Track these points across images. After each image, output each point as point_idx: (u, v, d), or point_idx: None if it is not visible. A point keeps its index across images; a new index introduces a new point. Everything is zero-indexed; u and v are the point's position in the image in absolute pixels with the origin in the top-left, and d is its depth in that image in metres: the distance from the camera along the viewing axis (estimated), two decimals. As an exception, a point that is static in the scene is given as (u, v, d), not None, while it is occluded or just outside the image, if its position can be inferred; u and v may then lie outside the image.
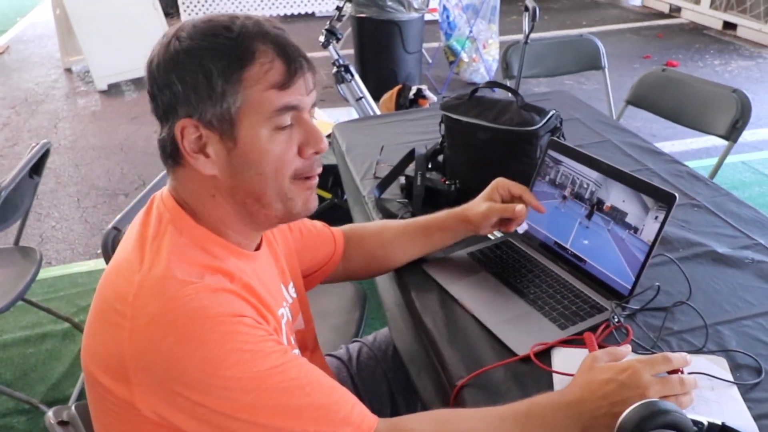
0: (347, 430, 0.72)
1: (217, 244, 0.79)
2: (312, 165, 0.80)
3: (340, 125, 1.83)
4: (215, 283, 0.72)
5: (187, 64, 0.73)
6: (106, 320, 0.71)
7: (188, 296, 0.69)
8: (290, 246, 1.03)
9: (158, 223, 0.77)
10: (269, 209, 0.80)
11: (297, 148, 0.78)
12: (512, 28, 4.83)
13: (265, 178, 0.77)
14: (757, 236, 1.20)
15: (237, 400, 0.67)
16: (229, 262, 0.78)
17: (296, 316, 0.97)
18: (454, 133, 1.36)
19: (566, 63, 2.34)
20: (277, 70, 0.74)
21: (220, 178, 0.78)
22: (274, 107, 0.75)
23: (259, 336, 0.71)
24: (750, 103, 1.72)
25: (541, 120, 1.24)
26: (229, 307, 0.71)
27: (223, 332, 0.68)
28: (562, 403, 0.78)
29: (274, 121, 0.75)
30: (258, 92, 0.74)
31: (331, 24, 2.29)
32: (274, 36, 0.75)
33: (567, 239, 1.13)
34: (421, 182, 1.33)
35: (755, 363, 0.91)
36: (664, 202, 0.99)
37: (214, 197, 0.79)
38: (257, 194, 0.78)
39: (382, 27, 3.58)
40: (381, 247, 1.14)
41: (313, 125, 0.80)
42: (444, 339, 0.99)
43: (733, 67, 4.66)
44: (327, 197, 2.30)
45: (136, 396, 0.67)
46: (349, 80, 2.33)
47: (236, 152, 0.76)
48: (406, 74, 3.74)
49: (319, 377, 0.74)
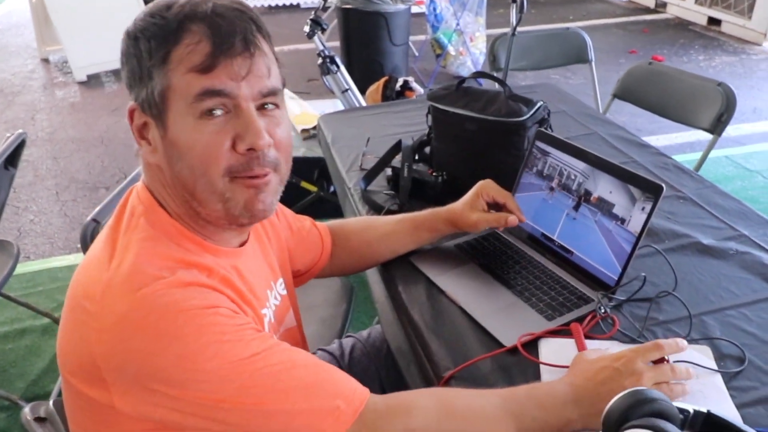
0: (339, 402, 0.69)
1: (191, 240, 0.75)
2: (249, 162, 0.72)
3: (325, 117, 1.81)
4: (189, 277, 0.69)
5: (128, 46, 0.72)
6: (76, 320, 0.69)
7: (158, 291, 0.66)
8: (282, 242, 1.01)
9: (130, 217, 0.74)
10: (207, 208, 0.74)
11: (231, 142, 0.71)
12: (499, 22, 4.83)
13: (193, 172, 0.71)
14: (741, 228, 1.20)
15: (219, 391, 0.65)
16: (206, 258, 0.75)
17: (284, 314, 0.95)
18: (441, 124, 1.35)
19: (553, 56, 2.34)
20: (200, 51, 0.68)
21: (163, 169, 0.74)
22: (194, 92, 0.69)
23: (237, 325, 0.69)
24: (735, 97, 1.73)
25: (529, 111, 1.24)
26: (203, 299, 0.68)
27: (198, 325, 0.65)
28: (561, 389, 0.78)
29: (196, 107, 0.69)
30: (179, 75, 0.69)
31: (316, 14, 2.26)
32: (212, 16, 0.69)
33: (554, 231, 1.13)
34: (407, 174, 1.32)
35: (738, 352, 0.91)
36: (651, 193, 0.99)
37: (166, 189, 0.75)
38: (190, 190, 0.73)
39: (368, 18, 3.54)
40: (367, 246, 1.13)
41: (251, 118, 0.71)
42: (431, 331, 0.99)
43: (717, 62, 4.71)
44: (312, 190, 2.29)
45: (115, 396, 0.65)
46: (334, 72, 2.31)
47: (167, 140, 0.71)
48: (393, 67, 3.72)
49: (304, 358, 0.72)
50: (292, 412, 0.68)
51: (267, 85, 0.73)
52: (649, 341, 0.82)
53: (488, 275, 1.10)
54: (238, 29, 0.70)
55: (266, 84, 0.72)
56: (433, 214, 1.12)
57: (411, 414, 0.73)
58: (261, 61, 0.72)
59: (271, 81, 0.73)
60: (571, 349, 0.92)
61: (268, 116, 0.74)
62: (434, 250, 1.16)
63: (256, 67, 0.71)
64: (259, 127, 0.71)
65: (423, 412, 0.74)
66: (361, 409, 0.70)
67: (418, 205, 1.27)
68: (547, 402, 0.77)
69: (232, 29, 0.69)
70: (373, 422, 0.71)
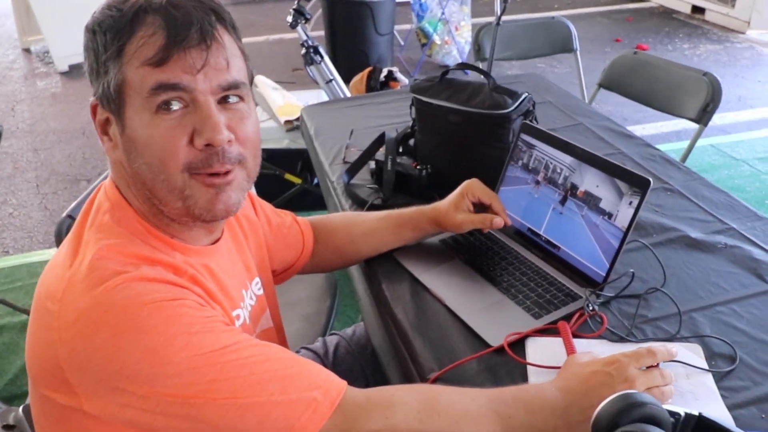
0: (316, 394, 0.67)
1: (158, 239, 0.73)
2: (208, 159, 0.70)
3: (308, 108, 1.77)
4: (153, 273, 0.67)
5: (87, 39, 0.70)
6: (40, 322, 0.66)
7: (120, 285, 0.63)
8: (261, 239, 0.97)
9: (96, 214, 0.72)
10: (168, 206, 0.71)
11: (189, 137, 0.69)
12: (484, 11, 4.78)
13: (151, 168, 0.69)
14: (729, 221, 1.19)
15: (190, 385, 0.62)
16: (175, 257, 0.73)
17: (260, 315, 0.92)
18: (424, 117, 1.32)
19: (539, 45, 2.31)
20: (153, 43, 0.66)
21: (125, 166, 0.72)
22: (148, 86, 0.66)
23: (205, 317, 0.66)
24: (720, 87, 1.72)
25: (513, 103, 1.21)
26: (167, 292, 0.65)
27: (163, 317, 0.63)
28: (551, 393, 0.75)
29: (151, 102, 0.67)
30: (134, 69, 0.67)
31: (299, 4, 2.21)
32: (167, 6, 0.67)
33: (540, 225, 1.10)
34: (391, 167, 1.29)
35: (729, 350, 0.90)
36: (639, 187, 0.96)
37: (130, 188, 0.73)
38: (149, 187, 0.71)
39: (353, 8, 3.51)
40: (350, 243, 1.10)
41: (210, 112, 0.68)
42: (415, 330, 0.96)
43: (702, 50, 4.71)
44: (296, 182, 2.25)
45: (83, 399, 0.62)
46: (318, 62, 2.26)
47: (126, 136, 0.70)
48: (378, 56, 3.68)
49: (278, 351, 0.70)
50: (267, 405, 0.65)
51: (226, 79, 0.70)
52: (641, 343, 0.81)
53: (474, 272, 1.08)
54: (194, 20, 0.67)
55: (225, 77, 0.70)
56: (417, 212, 1.09)
57: (392, 408, 0.70)
58: (219, 53, 0.69)
59: (232, 74, 0.71)
60: (559, 349, 0.90)
61: (231, 110, 0.72)
62: (418, 245, 1.14)
63: (213, 59, 0.68)
64: (217, 122, 0.69)
65: (405, 407, 0.71)
66: (339, 400, 0.68)
67: (402, 199, 1.25)
68: (535, 405, 0.74)
69: (188, 20, 0.67)
70: (352, 414, 0.69)
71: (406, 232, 1.10)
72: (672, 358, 0.82)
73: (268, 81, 2.47)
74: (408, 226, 1.09)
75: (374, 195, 1.31)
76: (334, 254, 1.11)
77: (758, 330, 0.93)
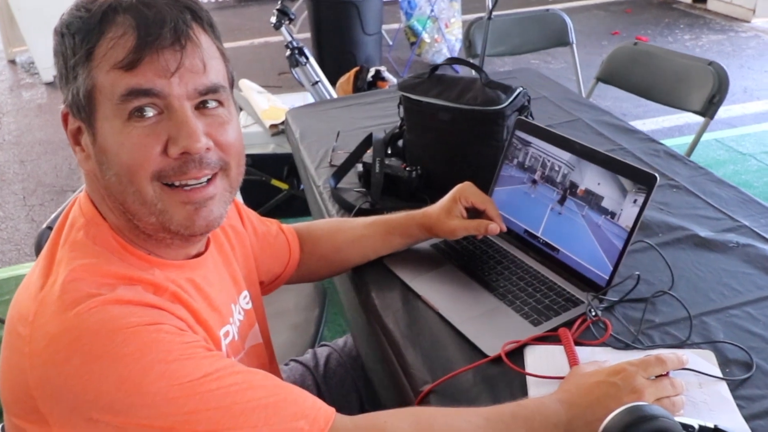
0: (302, 423, 0.63)
1: (135, 255, 0.68)
2: (183, 166, 0.65)
3: (293, 111, 1.71)
4: (130, 294, 0.62)
5: (56, 43, 0.65)
6: (11, 346, 0.62)
7: (93, 309, 0.59)
8: (248, 250, 0.92)
9: (70, 230, 0.67)
10: (141, 221, 0.67)
11: (163, 146, 0.64)
12: (475, 6, 4.70)
13: (120, 180, 0.64)
14: (740, 218, 1.12)
15: (168, 416, 0.58)
16: (154, 273, 0.67)
17: (249, 330, 0.86)
18: (413, 115, 1.25)
19: (532, 39, 2.24)
20: (123, 45, 0.61)
21: (98, 178, 0.67)
22: (119, 92, 0.62)
23: (184, 343, 0.61)
24: (727, 77, 1.65)
25: (507, 98, 1.14)
26: (144, 316, 0.61)
27: (139, 343, 0.58)
28: (552, 408, 0.70)
29: (123, 108, 0.62)
30: (104, 73, 0.62)
31: (283, 4, 2.15)
32: (137, 5, 0.62)
33: (538, 227, 1.04)
34: (379, 170, 1.22)
35: (745, 356, 0.83)
36: (644, 183, 0.90)
37: (105, 201, 0.68)
38: (121, 201, 0.66)
39: (339, 7, 3.45)
40: (337, 251, 1.04)
41: (186, 118, 0.64)
42: (407, 340, 0.90)
43: (704, 41, 4.61)
44: (283, 188, 2.18)
45: (55, 430, 0.58)
46: (303, 63, 2.19)
47: (98, 146, 0.65)
48: (366, 57, 3.61)
49: (262, 379, 0.65)
50: None
51: (204, 82, 0.65)
52: (649, 350, 0.74)
53: (468, 277, 1.01)
54: (167, 19, 0.62)
55: (203, 81, 0.65)
56: (407, 218, 1.03)
57: None
58: (195, 54, 0.64)
59: (209, 77, 0.66)
60: (560, 357, 0.84)
61: (210, 116, 0.67)
62: (409, 251, 1.07)
63: (188, 60, 0.64)
64: (194, 128, 0.64)
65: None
66: (327, 430, 0.64)
67: (392, 203, 1.19)
68: (536, 421, 0.69)
69: (160, 19, 0.62)
70: None
71: (395, 239, 1.04)
72: (683, 365, 0.76)
73: (252, 84, 2.41)
74: (397, 233, 1.03)
75: (362, 199, 1.25)
76: (320, 263, 1.05)
77: (775, 334, 0.86)
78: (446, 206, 1.01)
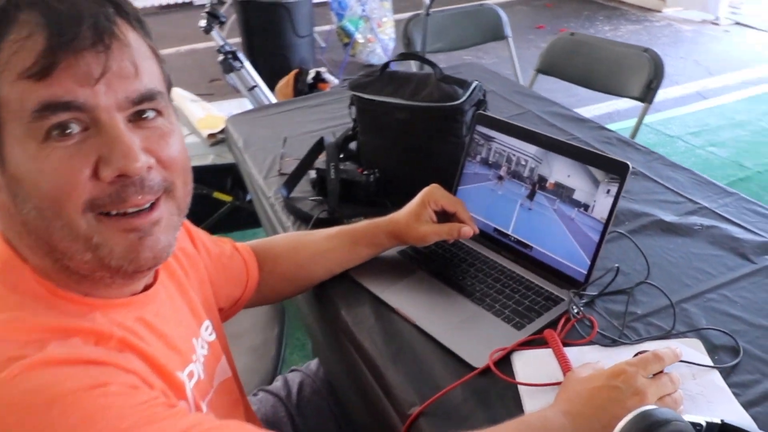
0: None
1: (68, 300, 0.56)
2: (120, 192, 0.54)
3: (233, 118, 1.60)
4: (64, 351, 0.51)
5: None
6: None
7: (18, 377, 0.47)
8: (203, 274, 0.81)
9: None
10: (73, 260, 0.55)
11: (92, 169, 0.52)
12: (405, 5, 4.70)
13: (43, 214, 0.53)
14: (699, 199, 1.13)
15: None
16: (94, 318, 0.56)
17: (216, 365, 0.76)
18: (367, 116, 1.19)
19: (470, 35, 2.23)
20: (30, 49, 0.49)
21: (12, 213, 0.54)
22: (31, 107, 0.50)
23: (139, 403, 0.51)
24: (662, 63, 1.69)
25: (465, 93, 1.10)
26: (85, 377, 0.50)
27: (82, 414, 0.48)
28: (556, 421, 0.65)
29: (37, 127, 0.50)
30: (8, 84, 0.50)
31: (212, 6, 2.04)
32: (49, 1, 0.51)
33: (508, 225, 1.00)
34: (335, 175, 1.15)
35: (730, 341, 0.82)
36: (616, 173, 0.88)
37: (23, 240, 0.56)
38: (45, 239, 0.54)
39: (268, 10, 3.34)
40: (300, 268, 0.96)
41: (119, 133, 0.53)
42: (386, 359, 0.84)
43: (623, 31, 4.80)
44: (227, 200, 2.07)
45: None
46: (238, 68, 2.09)
47: (9, 175, 0.52)
48: (300, 59, 3.53)
49: (235, 430, 0.57)
50: None
51: (137, 89, 0.54)
52: (637, 344, 0.72)
53: (441, 284, 0.96)
54: (85, 14, 0.51)
55: (135, 87, 0.54)
56: (372, 226, 0.96)
57: None
58: (123, 55, 0.53)
59: (143, 82, 0.55)
60: (549, 360, 0.80)
61: (148, 128, 0.56)
62: (375, 260, 1.00)
63: (116, 63, 0.53)
64: (130, 145, 0.53)
65: None
66: None
67: (351, 210, 1.13)
68: None
69: (76, 14, 0.51)
70: None
71: (361, 250, 0.97)
72: (678, 359, 0.74)
73: (185, 93, 2.28)
74: (363, 243, 0.97)
75: (319, 208, 1.17)
76: (282, 282, 0.96)
77: (755, 315, 0.86)
78: (415, 211, 0.95)
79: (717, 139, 3.07)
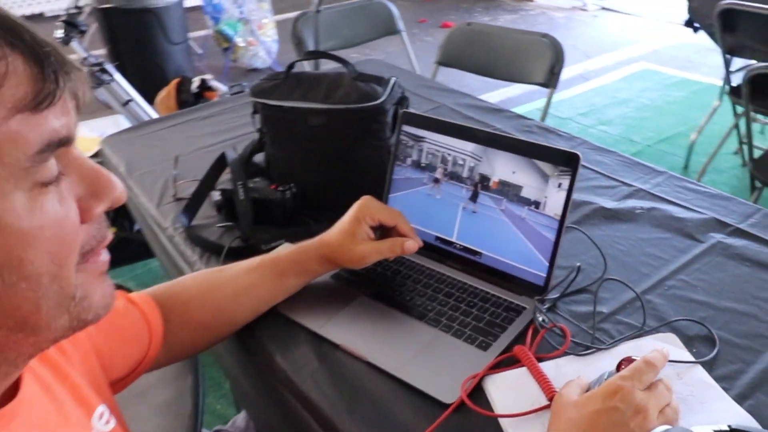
0: None
1: None
2: (100, 233, 0.46)
3: (110, 139, 1.38)
4: None
5: None
6: None
7: None
8: (86, 346, 0.64)
9: None
10: (42, 334, 0.44)
11: (77, 211, 0.43)
12: (285, 6, 4.54)
13: (39, 282, 0.41)
14: (632, 181, 1.09)
15: None
16: None
17: None
18: (275, 124, 1.04)
19: (362, 31, 2.13)
20: (15, 73, 0.38)
21: None
22: (34, 147, 0.39)
23: None
24: (562, 47, 1.68)
25: (384, 90, 0.99)
26: None
27: None
28: None
29: (34, 173, 0.39)
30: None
31: (69, 14, 1.78)
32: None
33: (451, 231, 0.90)
34: (245, 195, 1.00)
35: (702, 329, 0.77)
36: (566, 165, 0.80)
37: None
38: (24, 316, 0.42)
39: (134, 17, 3.03)
40: (218, 312, 0.80)
41: (93, 163, 0.45)
42: (339, 408, 0.71)
43: (501, 21, 4.97)
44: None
45: None
46: (108, 81, 1.84)
47: None
48: (176, 68, 3.24)
49: None
50: None
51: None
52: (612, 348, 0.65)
53: (387, 307, 0.84)
54: (35, 31, 0.42)
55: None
56: (301, 252, 0.82)
57: None
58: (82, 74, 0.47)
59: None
60: (526, 381, 0.72)
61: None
62: (306, 290, 0.86)
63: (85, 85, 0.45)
64: (107, 173, 0.46)
65: None
66: None
67: (268, 233, 0.97)
68: None
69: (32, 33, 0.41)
70: None
71: (289, 281, 0.83)
72: (667, 360, 0.67)
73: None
74: (291, 272, 0.82)
75: (229, 235, 1.01)
76: (196, 333, 0.80)
77: (718, 297, 0.83)
78: (348, 229, 0.82)
79: (605, 117, 3.21)
